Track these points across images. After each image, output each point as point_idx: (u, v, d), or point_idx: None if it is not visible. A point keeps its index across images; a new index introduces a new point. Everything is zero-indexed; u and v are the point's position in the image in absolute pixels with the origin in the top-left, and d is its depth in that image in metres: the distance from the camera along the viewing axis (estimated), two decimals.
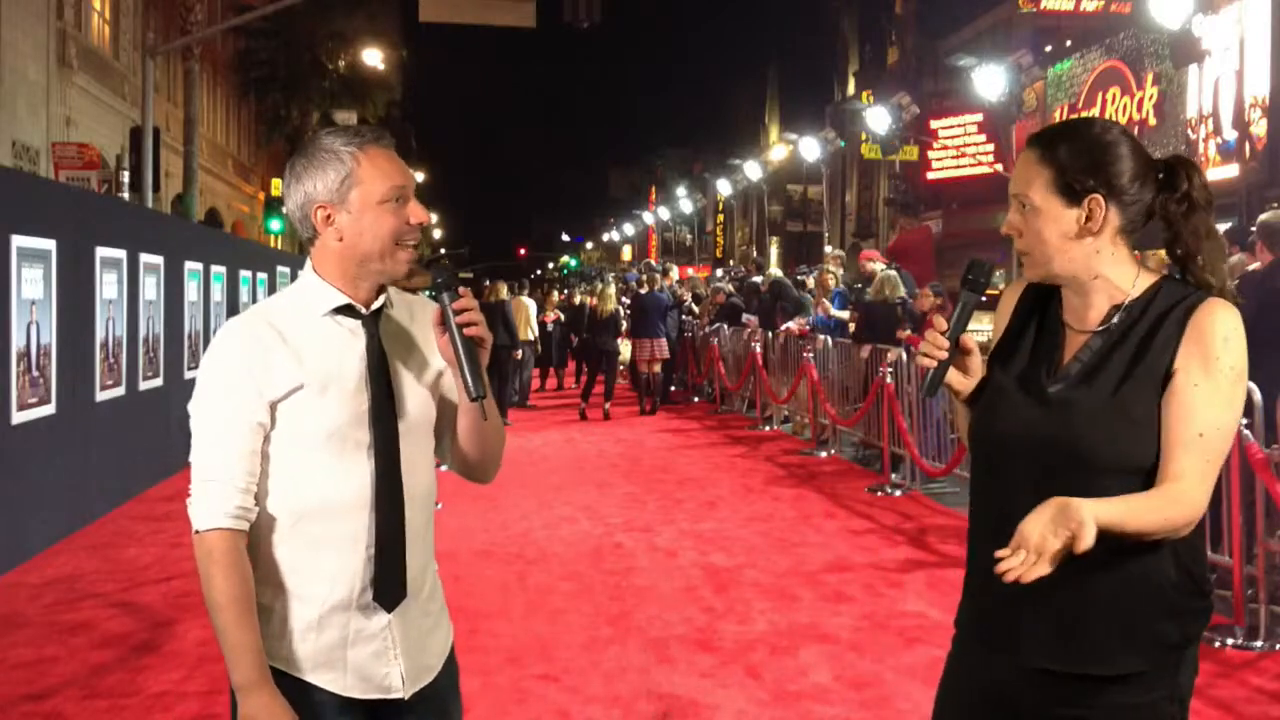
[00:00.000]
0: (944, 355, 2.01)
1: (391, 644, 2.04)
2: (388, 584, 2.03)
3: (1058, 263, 1.98)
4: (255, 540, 2.04)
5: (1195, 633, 1.96)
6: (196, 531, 1.98)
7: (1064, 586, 1.91)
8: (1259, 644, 5.06)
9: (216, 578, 1.95)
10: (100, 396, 8.15)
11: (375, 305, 2.08)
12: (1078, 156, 1.95)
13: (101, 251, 8.14)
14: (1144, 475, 1.89)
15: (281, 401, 1.99)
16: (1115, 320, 1.97)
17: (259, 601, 2.04)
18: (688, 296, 18.82)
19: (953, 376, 2.04)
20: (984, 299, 2.12)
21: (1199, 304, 1.92)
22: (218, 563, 1.95)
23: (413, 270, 2.09)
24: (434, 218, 76.43)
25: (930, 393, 2.05)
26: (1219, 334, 1.89)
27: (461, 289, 2.02)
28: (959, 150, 30.88)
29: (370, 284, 2.07)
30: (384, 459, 2.03)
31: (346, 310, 2.05)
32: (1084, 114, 25.79)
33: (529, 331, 16.83)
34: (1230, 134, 20.50)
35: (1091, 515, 1.74)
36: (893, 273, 11.00)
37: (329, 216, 2.03)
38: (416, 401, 2.10)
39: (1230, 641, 5.09)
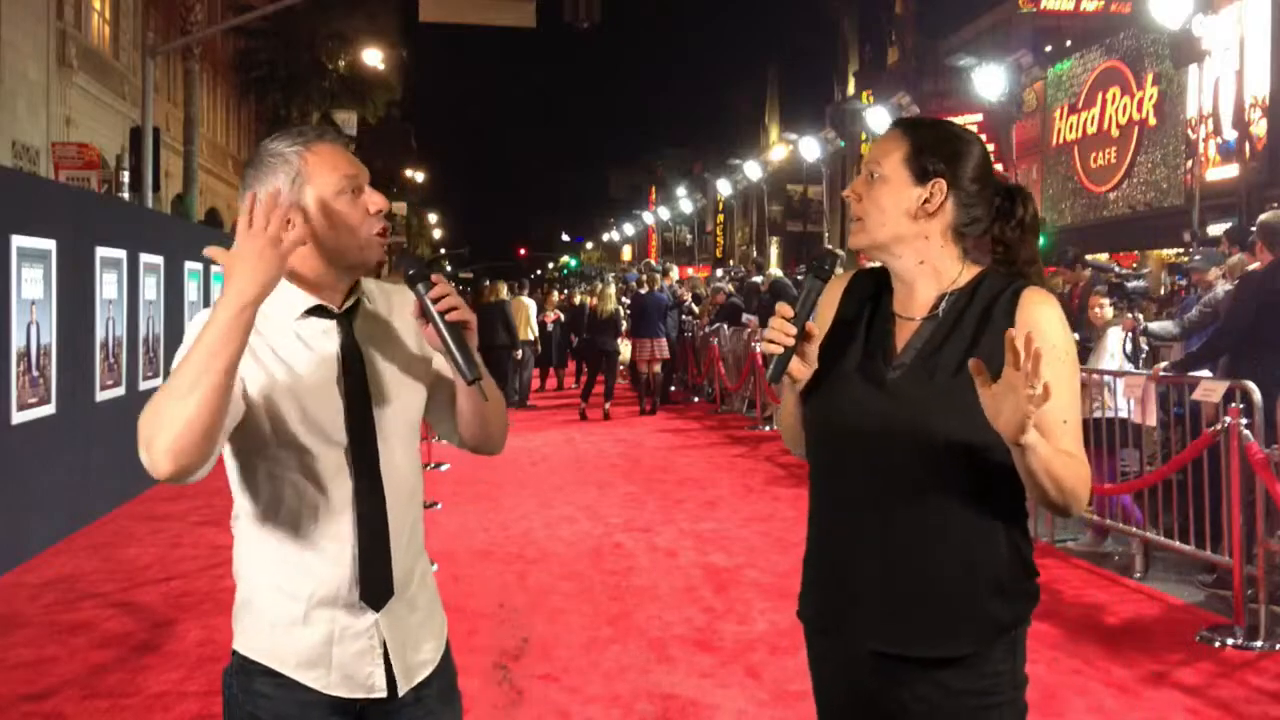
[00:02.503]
0: (790, 342, 1.98)
1: (377, 643, 2.02)
2: (374, 583, 2.01)
3: (887, 232, 2.03)
4: (241, 535, 2.03)
5: (1025, 613, 2.00)
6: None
7: (898, 569, 1.97)
8: (1259, 644, 5.07)
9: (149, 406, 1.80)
10: (100, 396, 8.15)
11: (348, 303, 2.05)
12: (936, 142, 2.05)
13: (101, 251, 8.14)
14: (984, 457, 1.90)
15: (248, 397, 1.93)
16: (943, 306, 2.03)
17: (245, 596, 2.04)
18: (688, 296, 18.81)
19: (793, 364, 2.02)
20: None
21: (1022, 290, 2.00)
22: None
23: (383, 261, 2.06)
24: (434, 218, 76.55)
25: (775, 379, 2.03)
26: (1047, 325, 1.95)
27: (435, 276, 1.98)
28: None
29: (343, 280, 2.04)
30: (362, 461, 2.00)
31: (318, 311, 2.02)
32: (1084, 114, 25.81)
33: (529, 331, 16.83)
34: (1230, 134, 20.50)
35: (1033, 429, 1.78)
36: None
37: (288, 221, 1.98)
38: (397, 398, 2.07)
39: (1230, 641, 5.10)
